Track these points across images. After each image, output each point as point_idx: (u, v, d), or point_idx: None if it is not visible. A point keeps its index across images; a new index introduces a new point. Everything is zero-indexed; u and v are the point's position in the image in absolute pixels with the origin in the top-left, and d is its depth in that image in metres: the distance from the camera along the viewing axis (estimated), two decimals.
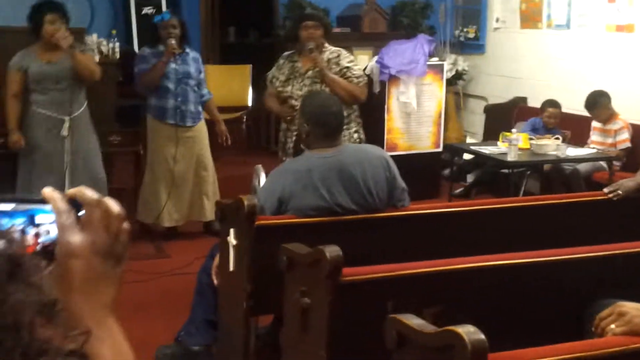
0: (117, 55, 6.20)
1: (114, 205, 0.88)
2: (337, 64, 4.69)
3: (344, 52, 4.83)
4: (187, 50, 5.39)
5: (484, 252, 2.85)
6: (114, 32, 6.82)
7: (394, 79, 6.62)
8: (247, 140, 7.75)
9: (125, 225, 0.88)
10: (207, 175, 5.50)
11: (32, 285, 0.64)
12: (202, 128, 5.49)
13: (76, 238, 0.85)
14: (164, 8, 8.14)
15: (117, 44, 6.27)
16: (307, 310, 2.69)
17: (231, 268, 3.30)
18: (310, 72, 4.66)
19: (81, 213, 0.87)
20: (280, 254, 2.85)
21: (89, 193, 0.88)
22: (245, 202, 3.17)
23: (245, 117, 7.70)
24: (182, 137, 5.33)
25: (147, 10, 8.21)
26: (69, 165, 4.91)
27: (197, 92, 5.41)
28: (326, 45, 4.77)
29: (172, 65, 5.23)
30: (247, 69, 7.97)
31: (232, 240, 3.28)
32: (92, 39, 5.96)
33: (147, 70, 5.23)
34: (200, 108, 5.48)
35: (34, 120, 4.90)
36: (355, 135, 4.71)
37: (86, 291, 0.85)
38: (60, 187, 3.88)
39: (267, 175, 3.78)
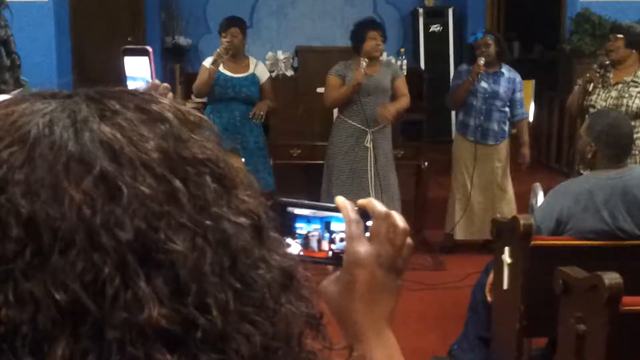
0: (405, 73, 6.42)
1: (401, 220, 0.89)
2: None
3: None
4: (504, 70, 5.45)
5: None
6: (402, 50, 7.09)
7: None
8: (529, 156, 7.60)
9: (409, 240, 0.90)
10: (502, 194, 5.50)
11: (302, 298, 0.66)
12: (503, 148, 5.52)
13: (363, 248, 0.87)
14: (450, 25, 8.28)
15: (405, 62, 6.50)
16: (583, 337, 2.63)
17: (505, 286, 3.30)
18: (619, 85, 4.49)
19: (369, 224, 0.89)
20: (556, 276, 2.80)
21: (379, 205, 0.90)
22: (521, 222, 3.16)
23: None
24: (480, 155, 5.40)
25: (435, 28, 8.40)
26: (372, 175, 5.16)
27: (504, 112, 5.45)
28: None
29: (483, 84, 5.35)
30: (530, 84, 7.82)
31: (506, 258, 3.28)
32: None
33: (457, 86, 5.40)
34: (505, 127, 5.51)
35: (341, 129, 5.20)
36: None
37: (368, 301, 0.87)
38: (365, 196, 4.09)
39: (545, 194, 3.71)
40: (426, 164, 5.86)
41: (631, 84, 4.47)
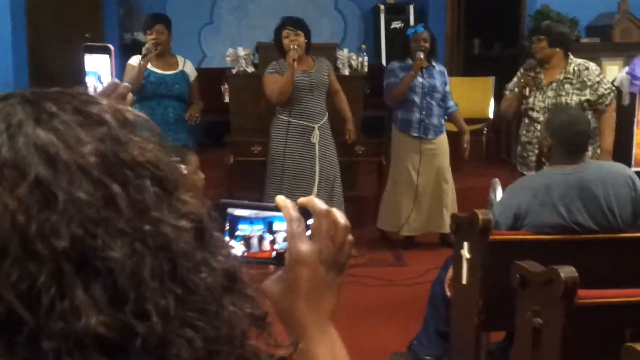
0: (365, 69, 6.44)
1: (341, 217, 0.90)
2: (584, 78, 4.54)
3: (592, 65, 4.67)
4: (434, 63, 5.49)
5: None
6: (363, 47, 7.10)
7: None
8: (487, 152, 7.69)
9: (350, 237, 0.91)
10: (447, 188, 5.56)
11: (247, 298, 0.66)
12: (444, 141, 5.57)
13: (305, 246, 0.87)
14: (411, 22, 8.32)
15: (366, 58, 6.51)
16: (539, 331, 2.65)
17: (464, 281, 3.33)
18: (554, 85, 4.57)
19: (310, 222, 0.90)
20: (514, 271, 2.83)
21: (319, 203, 0.90)
22: (480, 217, 3.18)
23: (485, 129, 7.65)
24: (424, 150, 5.44)
25: (396, 24, 8.44)
26: (317, 172, 5.18)
27: (441, 106, 5.50)
28: (571, 57, 4.65)
29: (419, 79, 5.36)
30: (490, 80, 7.91)
31: (465, 253, 3.31)
32: (343, 53, 6.24)
33: (396, 83, 5.40)
34: (442, 121, 5.57)
35: (284, 129, 5.19)
36: (599, 151, 4.55)
37: (311, 298, 0.87)
38: (309, 194, 4.10)
39: (504, 189, 3.75)
40: (385, 160, 5.88)
41: (564, 81, 4.56)
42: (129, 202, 0.58)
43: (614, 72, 6.71)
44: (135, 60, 5.01)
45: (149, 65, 4.99)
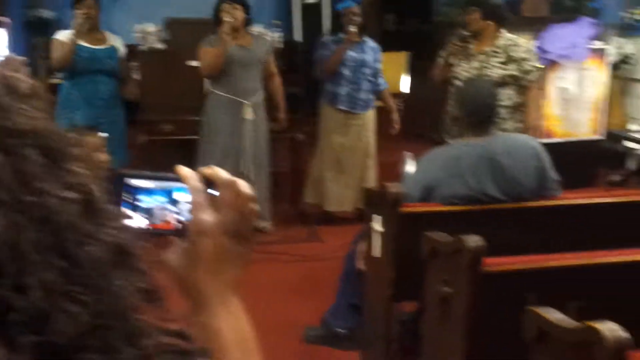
0: (280, 45, 6.40)
1: (245, 187, 0.89)
2: (511, 53, 4.59)
3: (522, 41, 4.71)
4: (366, 39, 5.50)
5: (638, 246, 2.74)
6: (277, 22, 7.05)
7: (553, 64, 6.41)
8: (402, 127, 7.75)
9: (255, 207, 0.90)
10: (371, 164, 5.61)
11: (138, 272, 0.65)
12: (371, 116, 5.60)
13: (208, 217, 0.86)
14: None
15: (280, 34, 6.47)
16: (448, 300, 2.71)
17: (376, 254, 3.36)
18: (480, 56, 4.62)
19: (214, 193, 0.88)
20: (423, 242, 2.88)
21: (223, 173, 0.89)
22: (391, 190, 3.22)
23: (400, 103, 7.71)
24: (351, 124, 5.47)
25: (310, 0, 8.40)
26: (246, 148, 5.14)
27: (372, 82, 5.52)
28: (503, 31, 4.68)
29: (350, 53, 5.38)
30: (404, 55, 7.98)
31: (377, 226, 3.34)
32: (256, 29, 6.17)
33: (327, 56, 5.39)
34: (371, 96, 5.59)
35: (216, 103, 5.15)
36: (520, 125, 4.62)
37: (213, 270, 0.86)
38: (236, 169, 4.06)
39: (416, 162, 3.80)
40: (301, 136, 5.88)
41: (491, 54, 4.60)
42: (11, 172, 0.56)
43: None
44: (63, 35, 4.87)
45: (79, 41, 4.85)
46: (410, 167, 4.07)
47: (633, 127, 7.30)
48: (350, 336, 3.71)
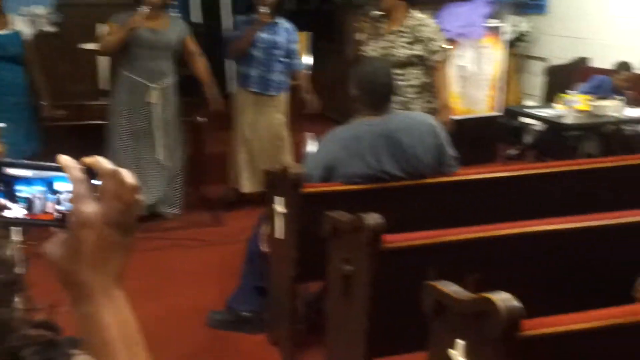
0: None
1: (129, 177, 0.87)
2: (418, 34, 4.58)
3: (430, 22, 4.68)
4: (279, 20, 5.43)
5: (535, 217, 2.80)
6: (173, 2, 6.87)
7: (451, 42, 6.52)
8: (304, 107, 7.73)
9: (139, 197, 0.88)
10: (284, 145, 5.56)
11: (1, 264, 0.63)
12: (284, 98, 5.54)
13: (89, 208, 0.84)
14: None
15: (177, 15, 6.32)
16: (350, 278, 2.71)
17: (279, 236, 3.34)
18: (390, 36, 4.59)
19: (97, 182, 0.86)
20: (324, 221, 2.87)
21: (105, 163, 0.87)
22: (292, 171, 3.20)
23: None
24: (263, 106, 5.41)
25: None
26: (156, 133, 5.03)
27: (284, 63, 5.45)
28: (412, 12, 4.66)
29: (263, 35, 5.30)
30: (306, 35, 7.94)
31: (279, 208, 3.32)
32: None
33: (238, 37, 5.30)
34: (284, 78, 5.52)
35: (123, 84, 5.02)
36: (428, 105, 4.65)
37: (96, 261, 0.85)
38: (147, 155, 3.96)
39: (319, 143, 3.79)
40: (201, 119, 5.78)
41: (399, 34, 4.58)
42: None
43: None
44: None
45: None
46: (311, 147, 4.06)
47: (529, 103, 7.53)
48: (255, 319, 3.68)
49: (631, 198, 3.18)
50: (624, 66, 6.20)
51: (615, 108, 5.52)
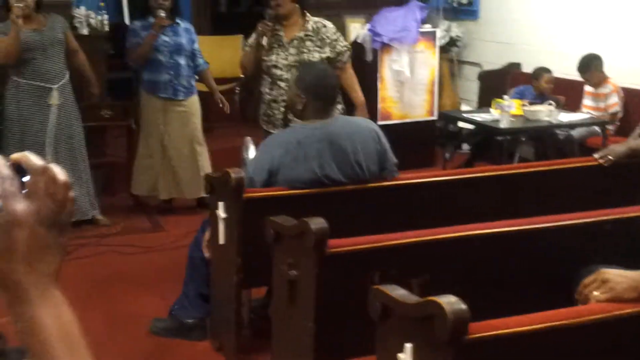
0: (107, 28, 6.15)
1: (60, 173, 0.85)
2: (323, 36, 4.54)
3: (328, 23, 4.63)
4: (178, 21, 5.31)
5: (475, 220, 2.85)
6: (102, 4, 6.76)
7: (386, 47, 6.58)
8: (240, 111, 7.69)
9: (71, 194, 0.86)
10: (201, 150, 5.47)
11: None
12: (195, 102, 5.44)
13: (20, 206, 0.82)
14: None
15: (106, 17, 6.22)
16: (295, 282, 2.71)
17: (221, 241, 3.31)
18: (295, 42, 4.52)
19: (26, 180, 0.83)
20: (268, 226, 2.86)
21: (34, 159, 0.84)
22: (233, 176, 3.17)
23: (237, 88, 7.64)
24: (174, 111, 5.30)
25: None
26: (52, 135, 4.91)
27: (191, 66, 5.36)
28: (308, 15, 4.56)
29: (164, 38, 5.16)
30: (239, 39, 7.90)
31: (221, 213, 3.29)
32: (81, 11, 5.91)
33: (138, 44, 5.18)
34: (193, 82, 5.43)
35: (19, 91, 4.88)
36: (339, 107, 4.64)
37: (30, 261, 0.82)
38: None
39: (257, 148, 3.76)
40: (134, 126, 5.67)
41: (305, 38, 4.45)
42: None
43: (357, 29, 7.00)
44: None
45: None
46: (251, 152, 4.03)
47: (465, 107, 7.65)
48: (199, 326, 3.64)
49: (563, 201, 3.28)
50: (543, 70, 6.36)
51: (548, 113, 5.65)
